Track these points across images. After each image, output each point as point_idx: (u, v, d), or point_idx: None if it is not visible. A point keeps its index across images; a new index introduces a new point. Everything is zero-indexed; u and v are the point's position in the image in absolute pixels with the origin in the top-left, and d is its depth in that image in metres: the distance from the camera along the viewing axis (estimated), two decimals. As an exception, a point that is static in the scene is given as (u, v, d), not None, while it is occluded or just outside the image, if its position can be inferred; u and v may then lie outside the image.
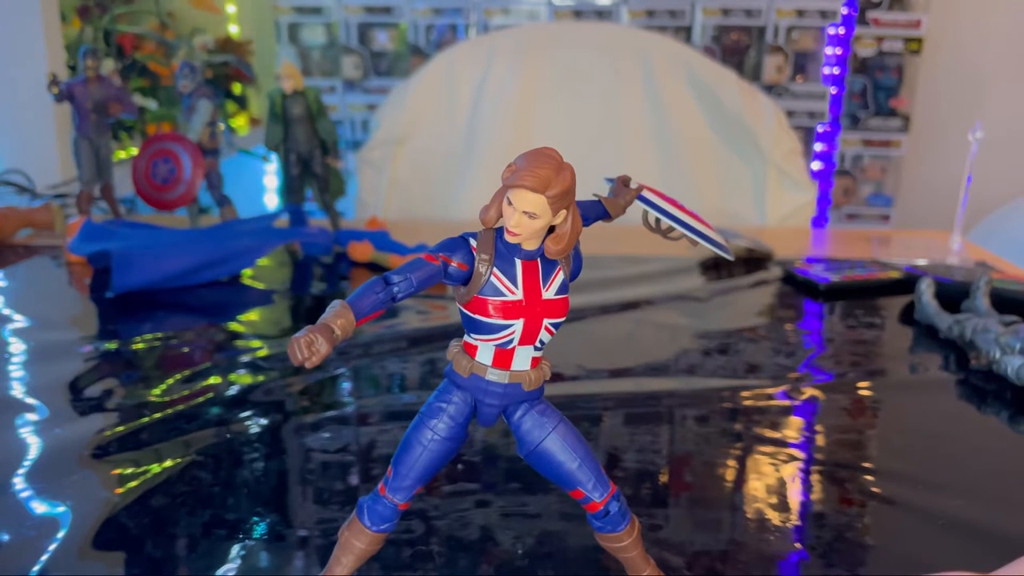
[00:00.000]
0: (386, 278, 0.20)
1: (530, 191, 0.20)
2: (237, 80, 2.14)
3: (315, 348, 0.18)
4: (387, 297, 0.20)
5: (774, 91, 2.36)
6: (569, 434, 0.23)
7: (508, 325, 0.21)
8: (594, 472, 0.24)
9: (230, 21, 2.38)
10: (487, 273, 0.21)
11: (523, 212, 0.20)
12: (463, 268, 0.21)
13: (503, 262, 0.21)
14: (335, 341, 0.19)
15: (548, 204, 0.20)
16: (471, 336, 0.22)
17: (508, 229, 0.20)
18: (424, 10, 2.46)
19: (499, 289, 0.21)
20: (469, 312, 0.22)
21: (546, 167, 0.20)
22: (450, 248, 0.21)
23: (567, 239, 0.21)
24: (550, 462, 0.23)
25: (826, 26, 2.38)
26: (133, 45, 1.78)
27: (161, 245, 0.72)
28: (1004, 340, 0.55)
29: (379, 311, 0.20)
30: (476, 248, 0.21)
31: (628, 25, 2.31)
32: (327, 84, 2.49)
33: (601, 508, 0.24)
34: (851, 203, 2.55)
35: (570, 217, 0.21)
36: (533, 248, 0.21)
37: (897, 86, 2.47)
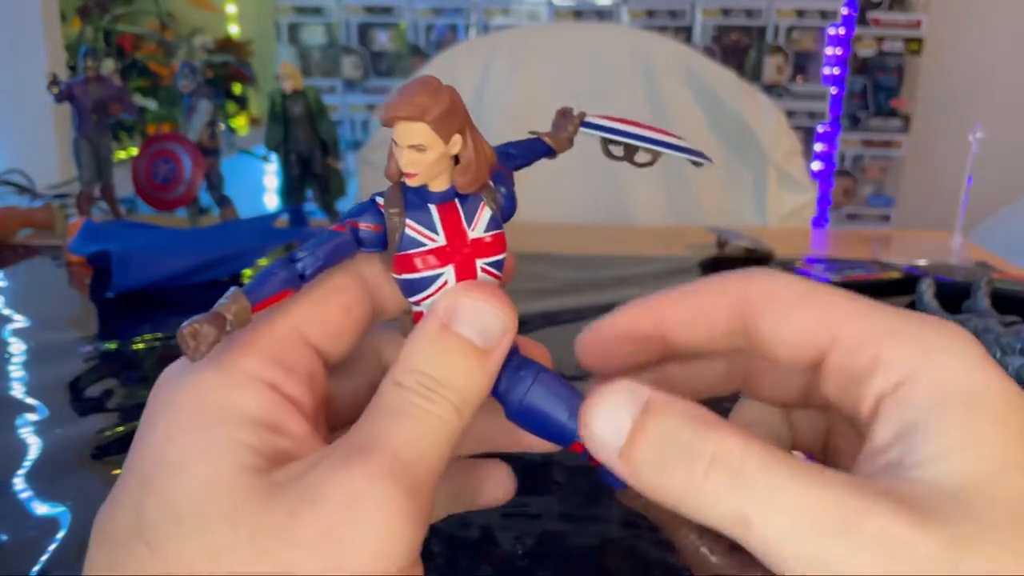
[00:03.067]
0: (291, 256, 0.18)
1: (408, 120, 0.17)
2: (237, 80, 2.14)
3: (200, 337, 0.16)
4: (291, 275, 0.18)
5: (774, 91, 2.37)
6: (553, 382, 0.20)
7: (438, 274, 0.19)
8: None
9: (230, 21, 2.38)
10: (401, 226, 0.19)
11: (409, 147, 0.18)
12: (375, 229, 0.19)
13: (416, 211, 0.19)
14: (228, 328, 0.17)
15: (433, 130, 0.17)
16: (413, 302, 0.20)
17: (402, 171, 0.18)
18: (424, 10, 2.46)
19: (417, 240, 0.19)
20: (396, 275, 0.19)
21: (419, 92, 0.17)
22: (356, 212, 0.19)
23: (475, 166, 0.18)
24: (541, 416, 0.20)
25: (826, 26, 2.38)
26: (133, 45, 1.78)
27: (161, 245, 0.72)
28: (1005, 340, 0.55)
29: (284, 292, 0.18)
30: (383, 205, 0.19)
31: (628, 25, 2.31)
32: (327, 84, 2.49)
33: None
34: (851, 203, 2.55)
35: (469, 142, 0.18)
36: (443, 188, 0.19)
37: (897, 86, 2.47)
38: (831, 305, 0.19)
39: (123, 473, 0.17)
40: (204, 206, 0.90)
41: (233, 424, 0.17)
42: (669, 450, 0.16)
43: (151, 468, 0.16)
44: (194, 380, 0.17)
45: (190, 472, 0.16)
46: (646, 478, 0.16)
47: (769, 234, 0.96)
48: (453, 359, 0.18)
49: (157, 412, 0.18)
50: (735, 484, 0.15)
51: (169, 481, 0.16)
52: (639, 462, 0.16)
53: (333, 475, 0.16)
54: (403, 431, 0.17)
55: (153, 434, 0.17)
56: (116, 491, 0.17)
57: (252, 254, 0.75)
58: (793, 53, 2.40)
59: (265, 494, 0.16)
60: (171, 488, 0.16)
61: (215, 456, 0.16)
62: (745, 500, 0.15)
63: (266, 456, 0.16)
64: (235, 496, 0.15)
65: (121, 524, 0.16)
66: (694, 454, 0.16)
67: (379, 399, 0.18)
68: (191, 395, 0.17)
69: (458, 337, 0.18)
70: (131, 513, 0.16)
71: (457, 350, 0.18)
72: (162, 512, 0.16)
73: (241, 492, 0.16)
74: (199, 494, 0.16)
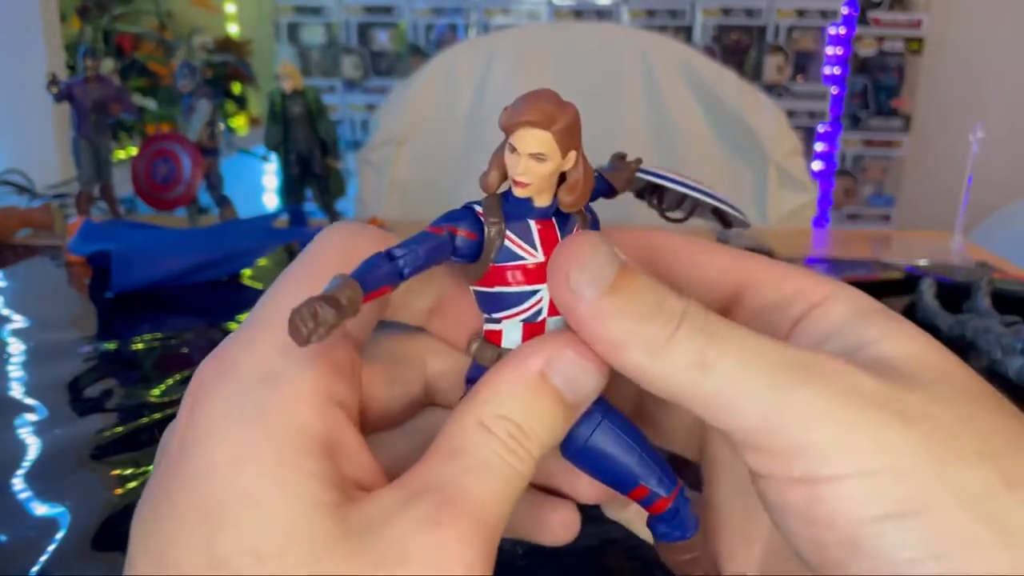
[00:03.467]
0: (389, 253, 0.17)
1: (534, 127, 0.17)
2: (236, 80, 2.14)
3: (321, 318, 0.15)
4: (393, 271, 0.17)
5: (775, 91, 2.36)
6: (622, 421, 0.19)
7: (534, 291, 0.18)
8: (657, 463, 0.19)
9: (229, 21, 2.38)
10: (500, 237, 0.18)
11: (529, 155, 0.17)
12: (471, 237, 0.18)
13: (515, 224, 0.18)
14: (343, 314, 0.15)
15: (555, 141, 0.17)
16: (492, 319, 0.19)
17: (515, 180, 0.17)
18: (424, 10, 2.46)
19: (516, 253, 0.18)
20: (487, 288, 0.18)
21: (546, 101, 0.17)
22: (454, 217, 0.18)
23: (581, 185, 0.18)
24: (605, 458, 0.19)
25: (827, 26, 2.38)
26: (133, 45, 1.78)
27: (161, 245, 0.72)
28: (1006, 340, 0.55)
29: (386, 288, 0.17)
30: (483, 214, 0.18)
31: (628, 25, 2.31)
32: (327, 84, 2.48)
33: (670, 506, 0.19)
34: (852, 203, 2.55)
35: (580, 162, 0.18)
36: (546, 204, 0.18)
37: (898, 86, 2.47)
38: (738, 253, 0.21)
39: (170, 479, 0.16)
40: (203, 206, 0.89)
41: (303, 450, 0.16)
42: (646, 305, 0.17)
43: (220, 495, 0.15)
44: (248, 391, 0.16)
45: (267, 508, 0.15)
46: (616, 327, 0.17)
47: (770, 234, 0.96)
48: (543, 410, 0.18)
49: (209, 421, 0.16)
50: (699, 335, 0.16)
51: (246, 516, 0.15)
52: (614, 312, 0.17)
53: (422, 533, 0.15)
54: (491, 489, 0.16)
55: (210, 450, 0.16)
56: (164, 502, 0.16)
57: (252, 254, 0.75)
58: (793, 53, 2.40)
59: (347, 543, 0.15)
60: (248, 524, 0.15)
61: (291, 491, 0.15)
62: (705, 347, 0.16)
63: (335, 486, 0.16)
64: (315, 540, 0.15)
65: (188, 552, 0.15)
66: (668, 311, 0.16)
67: (462, 438, 0.17)
68: (248, 408, 0.16)
69: (552, 389, 0.18)
70: (201, 544, 0.15)
71: (549, 402, 0.18)
72: (240, 550, 0.15)
73: (321, 536, 0.15)
74: (280, 535, 0.15)
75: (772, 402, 0.16)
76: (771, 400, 0.16)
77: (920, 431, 0.15)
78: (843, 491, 0.15)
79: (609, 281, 0.17)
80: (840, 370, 0.16)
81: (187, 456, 0.16)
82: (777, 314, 0.19)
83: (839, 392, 0.15)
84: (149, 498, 0.16)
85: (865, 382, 0.16)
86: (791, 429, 0.15)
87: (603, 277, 0.17)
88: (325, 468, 0.16)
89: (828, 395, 0.15)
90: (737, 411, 0.16)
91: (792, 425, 0.15)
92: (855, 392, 0.16)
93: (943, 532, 0.14)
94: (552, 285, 0.18)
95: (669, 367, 0.16)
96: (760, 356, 0.16)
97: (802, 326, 0.19)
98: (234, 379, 0.17)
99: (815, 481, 0.15)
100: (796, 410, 0.15)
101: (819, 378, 0.16)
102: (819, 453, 0.15)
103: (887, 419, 0.15)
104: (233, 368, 0.17)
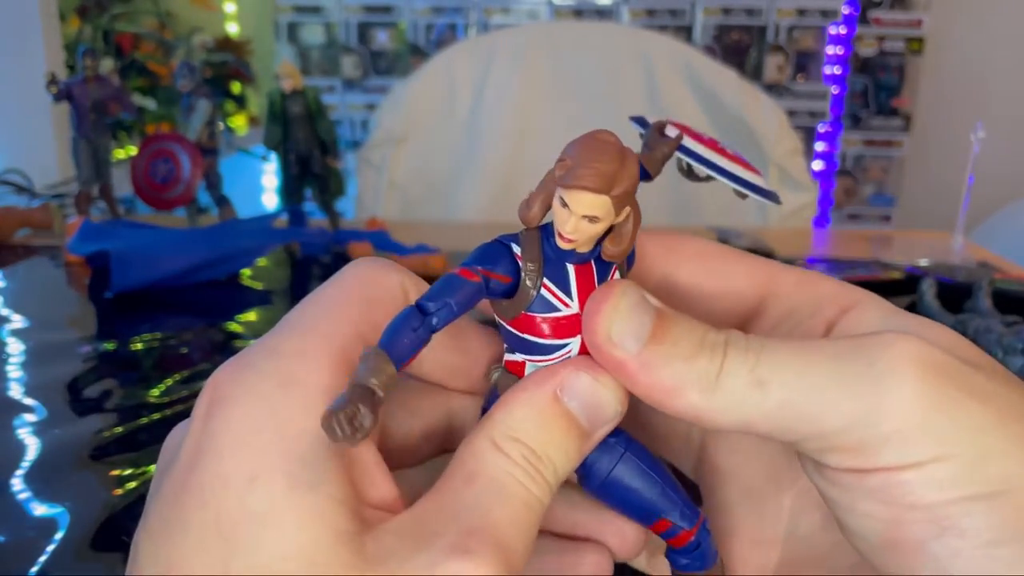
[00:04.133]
0: (421, 307, 0.16)
1: (592, 192, 0.15)
2: (236, 79, 2.14)
3: (358, 423, 0.14)
4: (427, 333, 0.16)
5: (775, 91, 2.36)
6: (644, 455, 0.19)
7: (564, 344, 0.17)
8: (680, 495, 0.19)
9: (229, 20, 2.38)
10: (536, 286, 0.17)
11: (582, 216, 0.16)
12: (506, 281, 0.17)
13: (553, 269, 0.17)
14: (379, 406, 0.15)
15: (612, 205, 0.16)
16: (516, 355, 0.18)
17: (562, 235, 0.16)
18: (424, 9, 2.46)
19: (551, 303, 0.17)
20: (515, 330, 0.17)
21: (608, 160, 0.15)
22: (490, 259, 0.17)
23: (629, 238, 0.17)
24: (628, 491, 0.18)
25: (827, 25, 2.38)
26: (132, 44, 1.78)
27: (160, 245, 0.72)
28: (1007, 341, 0.55)
29: (419, 350, 0.16)
30: (520, 256, 0.17)
31: (629, 25, 2.31)
32: (326, 84, 2.48)
33: (692, 539, 0.19)
34: (852, 203, 2.55)
35: (632, 213, 0.17)
36: (588, 250, 0.17)
37: (898, 86, 2.47)
38: (763, 260, 0.21)
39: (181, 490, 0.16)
40: (203, 206, 0.89)
41: (320, 468, 0.15)
42: (690, 345, 0.16)
43: (233, 514, 0.15)
44: (267, 400, 0.16)
45: (283, 532, 0.15)
46: (667, 374, 0.16)
47: (770, 234, 0.96)
48: (556, 435, 0.17)
49: (225, 431, 0.16)
50: (747, 358, 0.16)
51: (261, 539, 0.15)
52: (662, 360, 0.16)
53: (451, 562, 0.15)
54: (511, 515, 0.16)
55: (225, 462, 0.15)
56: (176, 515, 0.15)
57: (251, 254, 0.75)
58: (794, 52, 2.40)
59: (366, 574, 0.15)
60: (264, 548, 0.15)
61: (308, 515, 0.15)
62: (756, 366, 0.16)
63: (352, 510, 0.15)
64: (333, 569, 0.15)
65: (201, 570, 0.15)
66: (711, 345, 0.16)
67: (476, 461, 0.17)
68: (267, 420, 0.16)
69: (566, 413, 0.17)
70: (215, 563, 0.15)
71: (563, 426, 0.17)
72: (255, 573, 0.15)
73: (339, 565, 0.15)
74: (296, 561, 0.14)
75: (841, 398, 0.15)
76: (839, 397, 0.15)
77: (993, 407, 0.15)
78: (927, 475, 0.15)
79: (649, 331, 0.16)
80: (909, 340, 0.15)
81: (200, 466, 0.15)
82: (808, 317, 0.19)
83: (913, 365, 0.15)
84: (158, 506, 0.16)
85: (935, 354, 0.15)
86: (870, 421, 0.15)
87: (643, 329, 0.16)
88: (342, 491, 0.15)
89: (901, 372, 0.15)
90: (810, 417, 0.15)
91: (869, 416, 0.15)
92: (929, 365, 0.15)
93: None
94: (593, 346, 0.17)
95: (727, 398, 0.16)
96: (814, 354, 0.16)
97: (837, 329, 0.18)
98: (253, 385, 0.16)
99: (900, 468, 0.15)
100: (869, 399, 0.15)
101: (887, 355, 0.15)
102: (903, 440, 0.15)
103: (963, 397, 0.15)
104: (252, 374, 0.16)
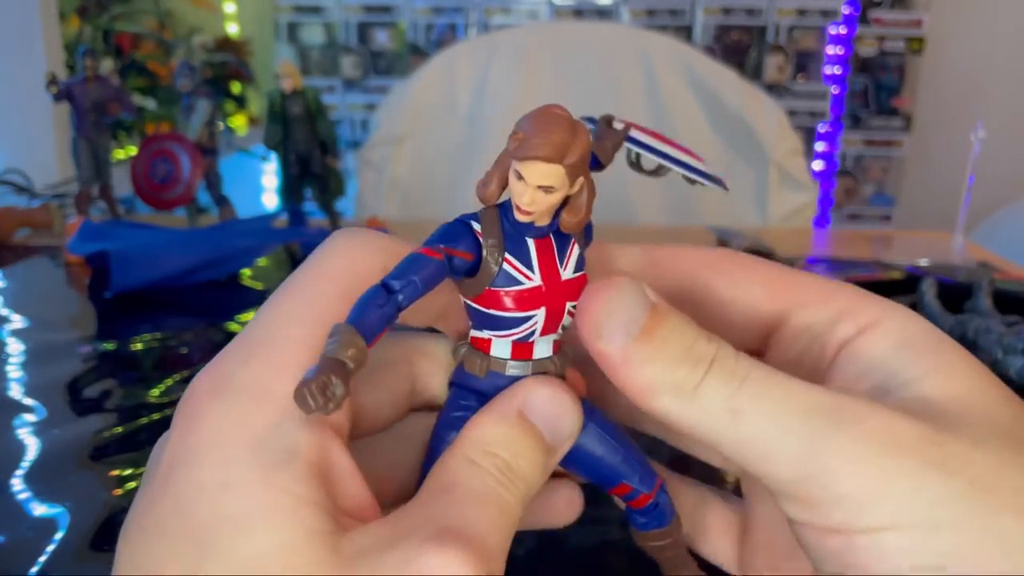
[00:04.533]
0: (386, 285, 0.17)
1: (545, 162, 0.16)
2: (236, 79, 2.14)
3: (330, 392, 0.15)
4: (393, 309, 0.16)
5: (775, 91, 2.36)
6: (606, 423, 0.19)
7: (529, 316, 0.18)
8: (639, 461, 0.20)
9: (229, 20, 2.38)
10: (498, 261, 0.17)
11: (538, 187, 0.16)
12: (468, 258, 0.17)
13: (513, 244, 0.17)
14: (350, 377, 0.15)
15: (566, 174, 0.16)
16: (482, 331, 0.19)
17: (519, 207, 0.17)
18: (424, 9, 2.46)
19: (514, 277, 0.17)
20: (480, 306, 0.18)
21: (560, 131, 0.16)
22: (451, 237, 0.17)
23: (585, 209, 0.17)
24: (591, 458, 0.19)
25: (827, 25, 2.38)
26: (132, 44, 1.78)
27: (160, 245, 0.72)
28: (1007, 341, 0.55)
29: (386, 328, 0.17)
30: (481, 233, 0.17)
31: (629, 24, 2.31)
32: (326, 84, 2.48)
33: (651, 501, 0.20)
34: (853, 203, 2.55)
35: (586, 183, 0.17)
36: (546, 223, 0.18)
37: (899, 86, 2.47)
38: (784, 270, 0.20)
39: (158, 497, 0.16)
40: (202, 206, 0.89)
41: (293, 475, 0.15)
42: (676, 350, 0.16)
43: (207, 519, 0.15)
44: (241, 410, 0.16)
45: (256, 533, 0.15)
46: (646, 374, 0.16)
47: (770, 234, 0.96)
48: (525, 449, 0.18)
49: (200, 440, 0.16)
50: (729, 380, 0.16)
51: (233, 543, 0.15)
52: (644, 358, 0.16)
53: (426, 557, 0.15)
54: (488, 518, 0.16)
55: (199, 470, 0.15)
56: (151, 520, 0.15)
57: (251, 254, 0.75)
58: (794, 52, 2.40)
59: (341, 571, 0.15)
60: (236, 551, 0.15)
61: (281, 516, 0.15)
62: (735, 392, 0.16)
63: (327, 514, 0.15)
64: (307, 567, 0.14)
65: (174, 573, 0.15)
66: (697, 355, 0.16)
67: (452, 474, 0.17)
68: (241, 429, 0.16)
69: (533, 428, 0.18)
70: (187, 567, 0.15)
71: (530, 442, 0.18)
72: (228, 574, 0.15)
73: (313, 563, 0.15)
74: (268, 561, 0.14)
75: (806, 451, 0.15)
76: (804, 449, 0.15)
77: (962, 480, 0.15)
78: (881, 543, 0.15)
79: (641, 326, 0.16)
80: (876, 415, 0.15)
81: (176, 475, 0.16)
82: (823, 334, 0.19)
83: (875, 439, 0.15)
84: (137, 513, 0.16)
85: (903, 427, 0.15)
86: (826, 479, 0.15)
87: (635, 324, 0.16)
88: (316, 494, 0.16)
89: (864, 442, 0.15)
90: (770, 459, 0.16)
91: (827, 474, 0.15)
92: (892, 439, 0.15)
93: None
94: (582, 331, 0.17)
95: (699, 413, 0.16)
96: (791, 402, 0.16)
97: (847, 352, 0.18)
98: (227, 397, 0.16)
99: (852, 532, 0.15)
100: (830, 459, 0.15)
101: (854, 424, 0.15)
102: (856, 504, 0.15)
103: (926, 468, 0.15)
104: (226, 385, 0.17)
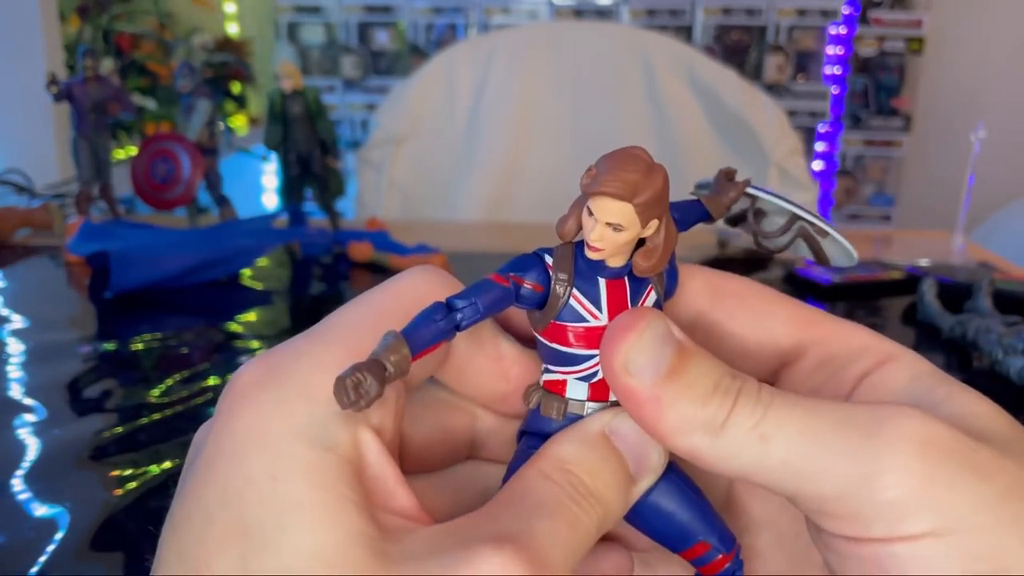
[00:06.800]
0: (449, 303, 0.17)
1: (614, 199, 0.16)
2: (236, 79, 2.14)
3: (363, 390, 0.15)
4: (449, 326, 0.17)
5: (775, 91, 2.36)
6: (682, 477, 0.19)
7: (591, 356, 0.17)
8: (717, 519, 0.19)
9: (229, 20, 2.38)
10: (565, 295, 0.17)
11: (606, 224, 0.16)
12: (538, 289, 0.17)
13: (584, 282, 0.17)
14: (388, 380, 0.15)
15: (636, 214, 0.16)
16: (553, 370, 0.18)
17: (589, 244, 0.17)
18: (424, 9, 2.46)
19: (580, 314, 0.17)
20: (545, 340, 0.18)
21: (632, 170, 0.16)
22: (522, 267, 0.18)
23: (659, 254, 0.17)
24: (665, 514, 0.18)
25: (827, 25, 2.38)
26: (132, 44, 1.78)
27: (160, 245, 0.72)
28: (1007, 341, 0.55)
29: (440, 343, 0.17)
30: (552, 266, 0.17)
31: (629, 24, 2.31)
32: (326, 84, 2.48)
33: (728, 565, 0.19)
34: (852, 203, 2.55)
35: (663, 228, 0.17)
36: (619, 264, 0.17)
37: (899, 86, 2.47)
38: (805, 306, 0.21)
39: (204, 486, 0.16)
40: (203, 206, 0.89)
41: (339, 474, 0.15)
42: (704, 387, 0.16)
43: (256, 512, 0.15)
44: (289, 404, 0.16)
45: (303, 532, 0.15)
46: (676, 414, 0.16)
47: (770, 234, 0.96)
48: (605, 472, 0.17)
49: (249, 430, 0.16)
50: (755, 409, 0.16)
51: (281, 539, 0.15)
52: (673, 398, 0.16)
53: (479, 560, 0.14)
54: (554, 530, 0.16)
55: (248, 461, 0.15)
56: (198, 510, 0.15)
57: (251, 254, 0.75)
58: (794, 52, 2.40)
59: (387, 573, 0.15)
60: (283, 547, 0.15)
61: (327, 516, 0.15)
62: (763, 419, 0.16)
63: (371, 516, 0.15)
64: (353, 569, 0.14)
65: (222, 566, 0.15)
66: (724, 390, 0.16)
67: (522, 487, 0.17)
68: (288, 422, 0.16)
69: (616, 452, 0.17)
70: (235, 560, 0.15)
71: (612, 466, 0.17)
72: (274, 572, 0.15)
73: (359, 565, 0.14)
74: (315, 561, 0.14)
75: (845, 461, 0.15)
76: (843, 459, 0.15)
77: (997, 485, 0.15)
78: (920, 550, 0.15)
79: (668, 364, 0.16)
80: (910, 417, 0.15)
81: (223, 464, 0.16)
82: (843, 367, 0.19)
83: (913, 441, 0.15)
84: (183, 501, 0.16)
85: (939, 430, 0.15)
86: (869, 487, 0.15)
87: (662, 362, 0.16)
88: (361, 495, 0.15)
89: (902, 445, 0.15)
90: (808, 476, 0.15)
91: (869, 482, 0.15)
92: (930, 441, 0.15)
93: None
94: (606, 368, 0.17)
95: (729, 446, 0.16)
96: (822, 417, 0.16)
97: (867, 384, 0.18)
98: (276, 389, 0.16)
99: (891, 539, 0.15)
100: (871, 464, 0.15)
101: (889, 428, 0.15)
102: (899, 512, 0.15)
103: (964, 472, 0.15)
104: (276, 377, 0.16)
